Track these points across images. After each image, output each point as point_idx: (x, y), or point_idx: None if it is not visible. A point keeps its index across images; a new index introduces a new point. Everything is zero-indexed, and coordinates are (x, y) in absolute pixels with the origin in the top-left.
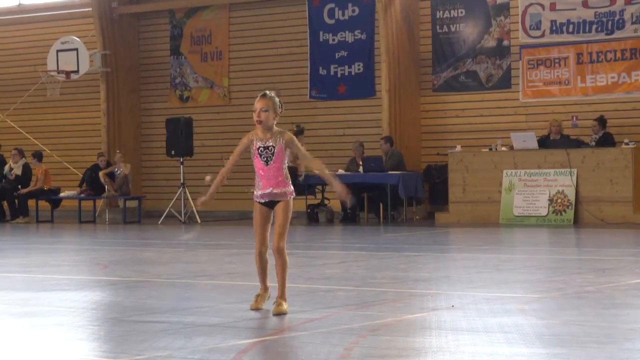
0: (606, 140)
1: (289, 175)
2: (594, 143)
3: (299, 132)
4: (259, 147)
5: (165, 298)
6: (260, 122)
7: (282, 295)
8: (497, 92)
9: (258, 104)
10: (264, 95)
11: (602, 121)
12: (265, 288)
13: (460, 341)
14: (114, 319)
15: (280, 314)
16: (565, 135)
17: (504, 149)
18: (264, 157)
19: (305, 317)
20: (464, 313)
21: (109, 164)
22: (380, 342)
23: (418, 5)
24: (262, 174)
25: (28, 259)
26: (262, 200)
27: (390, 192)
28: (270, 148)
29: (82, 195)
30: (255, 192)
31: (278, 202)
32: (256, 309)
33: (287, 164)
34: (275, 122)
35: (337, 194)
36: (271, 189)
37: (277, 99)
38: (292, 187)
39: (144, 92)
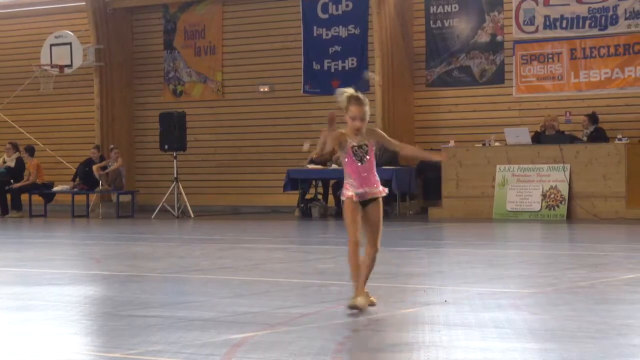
0: (598, 136)
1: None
2: (585, 138)
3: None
4: (354, 147)
5: (158, 292)
6: (358, 130)
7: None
8: (490, 88)
9: (357, 111)
10: (361, 100)
11: (592, 117)
12: (362, 289)
13: (453, 336)
14: (107, 314)
15: (372, 304)
16: (560, 131)
17: (497, 144)
18: (358, 156)
19: (299, 311)
20: (457, 308)
21: (102, 157)
22: (373, 337)
23: (412, 0)
24: (357, 173)
25: (21, 253)
26: (356, 200)
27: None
28: (363, 147)
29: (75, 189)
30: (347, 193)
31: (369, 201)
32: (369, 304)
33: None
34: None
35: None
36: (366, 188)
37: (367, 102)
38: (382, 187)
39: (137, 86)
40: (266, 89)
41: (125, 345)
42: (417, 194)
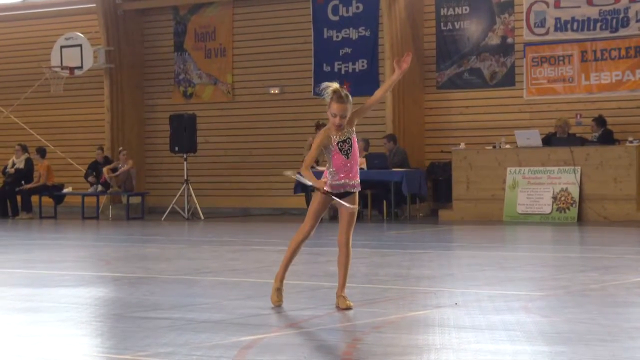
0: (606, 138)
1: None
2: (595, 141)
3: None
4: (339, 142)
5: (168, 294)
6: (339, 127)
7: (344, 290)
8: (501, 90)
9: (337, 109)
10: (342, 98)
11: (599, 121)
12: (284, 278)
13: (464, 339)
14: (117, 315)
15: (348, 308)
16: (571, 133)
17: (507, 146)
18: (344, 151)
19: (309, 314)
20: (467, 311)
21: (106, 158)
22: (383, 340)
23: (422, 2)
24: (342, 167)
25: (31, 254)
26: (333, 191)
27: (394, 190)
28: (347, 140)
29: (93, 186)
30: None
31: (346, 194)
32: (280, 303)
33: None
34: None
35: (406, 64)
36: (346, 180)
37: (350, 97)
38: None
39: (147, 88)
40: (276, 91)
41: (135, 347)
42: (427, 197)
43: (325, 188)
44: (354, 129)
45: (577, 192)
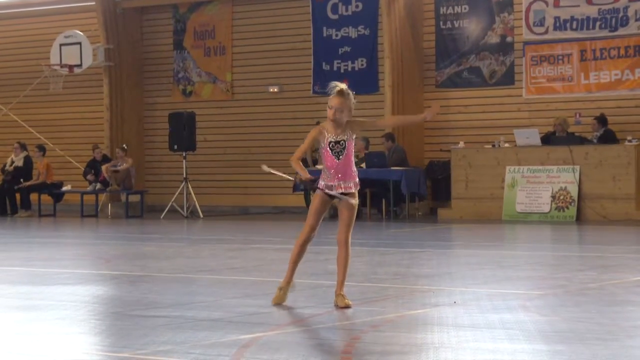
0: (608, 138)
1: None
2: (595, 141)
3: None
4: (330, 142)
5: (167, 293)
6: (334, 121)
7: (343, 288)
8: (500, 89)
9: (334, 102)
10: (342, 93)
11: (601, 119)
12: (290, 280)
13: (462, 337)
14: (116, 314)
15: (347, 307)
16: (570, 132)
17: (507, 145)
18: (335, 152)
19: (308, 312)
20: (466, 309)
21: (105, 156)
22: (382, 338)
23: (422, 1)
24: (333, 168)
25: (30, 252)
26: (328, 191)
27: (393, 188)
28: (341, 142)
29: (93, 183)
30: (320, 182)
31: (344, 193)
32: (280, 303)
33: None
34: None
35: (430, 116)
36: (341, 182)
37: (352, 96)
38: (358, 180)
39: (147, 86)
40: (275, 90)
41: (134, 345)
42: (427, 195)
43: (314, 184)
44: (351, 134)
45: (576, 191)
